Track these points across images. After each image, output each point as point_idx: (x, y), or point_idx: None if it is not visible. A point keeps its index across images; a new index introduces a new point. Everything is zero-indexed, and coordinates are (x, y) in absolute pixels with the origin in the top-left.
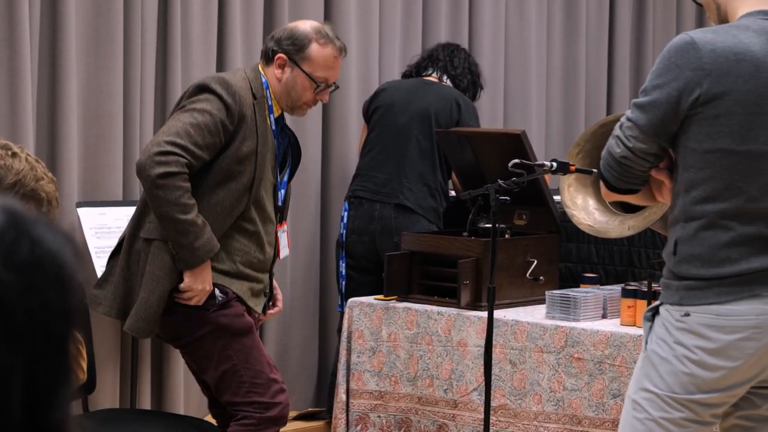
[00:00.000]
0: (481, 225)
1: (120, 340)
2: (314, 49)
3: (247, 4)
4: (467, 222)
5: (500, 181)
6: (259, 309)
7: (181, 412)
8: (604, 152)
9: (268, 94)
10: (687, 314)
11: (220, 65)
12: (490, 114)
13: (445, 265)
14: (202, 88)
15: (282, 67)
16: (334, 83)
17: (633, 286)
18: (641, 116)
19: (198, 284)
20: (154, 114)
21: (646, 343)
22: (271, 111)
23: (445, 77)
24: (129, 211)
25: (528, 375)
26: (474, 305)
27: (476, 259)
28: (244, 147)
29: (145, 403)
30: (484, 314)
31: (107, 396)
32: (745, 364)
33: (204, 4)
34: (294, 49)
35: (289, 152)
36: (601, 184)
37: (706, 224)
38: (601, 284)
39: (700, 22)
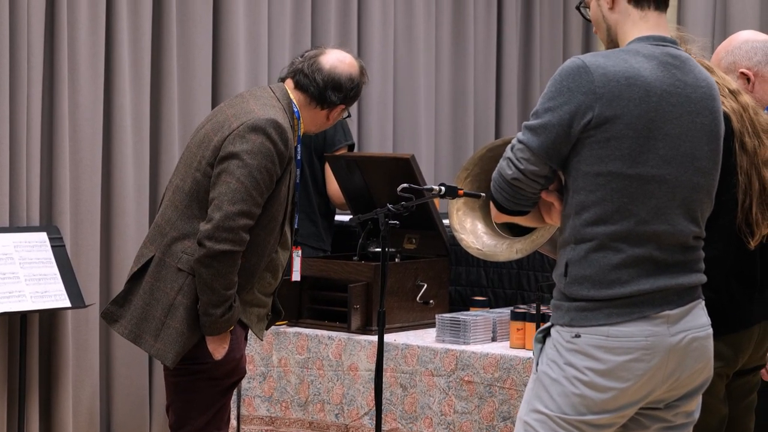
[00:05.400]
0: (371, 249)
1: (7, 366)
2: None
3: (135, 29)
4: (357, 246)
5: (389, 206)
6: (261, 335)
7: None
8: (495, 174)
9: (300, 125)
10: (578, 335)
11: (108, 90)
12: (380, 138)
13: (336, 289)
14: (257, 129)
15: (337, 110)
16: None
17: (522, 308)
18: (533, 138)
19: (217, 345)
20: (41, 139)
21: (537, 364)
22: (299, 141)
23: None
24: (16, 238)
25: (419, 398)
26: (364, 329)
27: (366, 283)
28: (283, 187)
29: (33, 429)
30: (375, 338)
31: None
32: (635, 385)
33: (91, 28)
34: (354, 98)
35: None
36: (491, 205)
37: (597, 246)
38: (491, 307)
39: (587, 48)
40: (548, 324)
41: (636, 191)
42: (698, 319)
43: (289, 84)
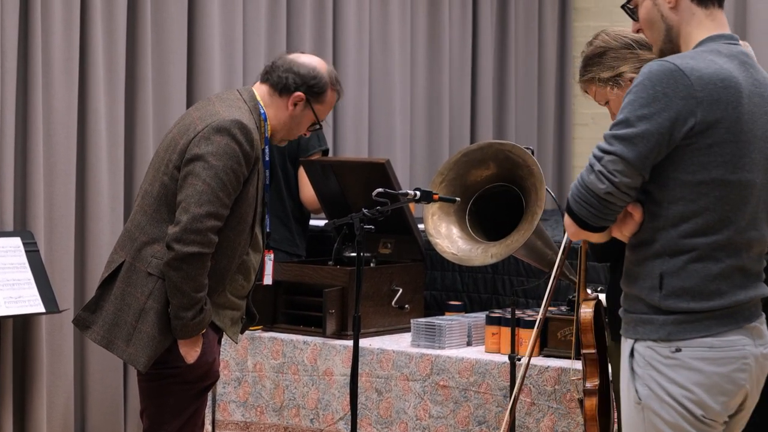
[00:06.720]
0: (346, 254)
1: None
2: (328, 95)
3: (109, 33)
4: (332, 251)
5: (365, 210)
6: (236, 339)
7: None
8: (577, 189)
9: (266, 126)
10: (678, 350)
11: (82, 95)
12: (355, 143)
13: (311, 294)
14: (221, 131)
15: (296, 103)
16: None
17: (497, 313)
18: (628, 149)
19: (189, 349)
20: (14, 144)
21: (636, 391)
22: (267, 142)
23: None
24: None
25: (394, 403)
26: (340, 334)
27: (342, 288)
28: (251, 188)
29: (8, 430)
30: (350, 343)
31: None
32: (737, 395)
33: (65, 33)
34: (315, 91)
35: None
36: (569, 223)
37: (697, 257)
38: (466, 312)
39: (562, 54)
40: (630, 343)
41: (736, 198)
42: (766, 333)
43: (257, 85)
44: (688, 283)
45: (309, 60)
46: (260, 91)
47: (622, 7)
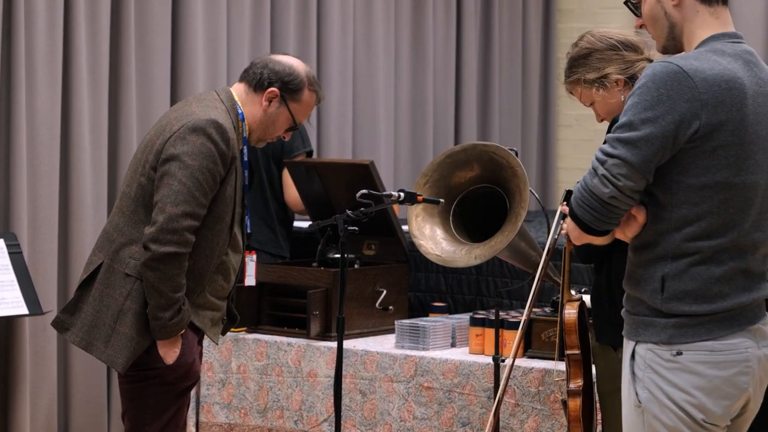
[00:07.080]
0: (330, 255)
1: None
2: (305, 94)
3: (93, 34)
4: (316, 252)
5: (349, 212)
6: (217, 339)
7: None
8: (580, 193)
9: (244, 126)
10: (679, 353)
11: (66, 96)
12: (339, 144)
13: (295, 295)
14: (197, 130)
15: (270, 100)
16: None
17: (481, 314)
18: (632, 152)
19: (167, 350)
20: None
21: (636, 394)
22: (245, 142)
23: None
24: None
25: (378, 405)
26: (324, 335)
27: (325, 289)
28: (228, 188)
29: None
30: (334, 344)
31: None
32: (740, 399)
33: (48, 33)
34: (289, 88)
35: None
36: (571, 227)
37: (700, 260)
38: (450, 313)
39: (546, 56)
40: (631, 346)
41: (741, 200)
42: None
43: (235, 85)
44: (690, 286)
45: (287, 59)
46: (238, 90)
47: (625, 2)
